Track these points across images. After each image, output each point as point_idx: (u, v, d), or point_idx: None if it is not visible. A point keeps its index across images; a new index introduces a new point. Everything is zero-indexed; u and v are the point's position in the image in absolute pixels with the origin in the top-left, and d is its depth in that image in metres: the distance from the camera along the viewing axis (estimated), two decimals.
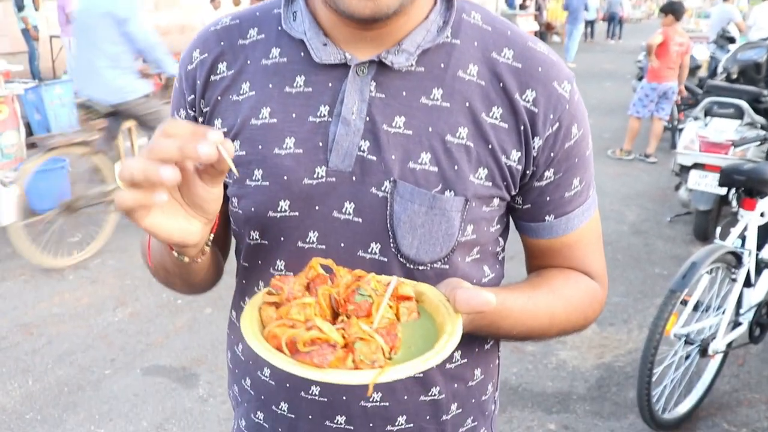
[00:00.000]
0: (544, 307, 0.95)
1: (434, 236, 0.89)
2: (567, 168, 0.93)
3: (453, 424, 1.03)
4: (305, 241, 0.92)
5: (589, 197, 0.99)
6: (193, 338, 3.84)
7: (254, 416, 1.06)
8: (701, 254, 2.88)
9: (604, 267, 1.05)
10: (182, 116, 0.99)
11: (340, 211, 0.89)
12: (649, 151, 7.80)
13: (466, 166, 0.88)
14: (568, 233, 0.98)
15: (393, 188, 0.87)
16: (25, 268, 4.82)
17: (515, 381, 3.41)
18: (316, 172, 0.89)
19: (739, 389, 3.34)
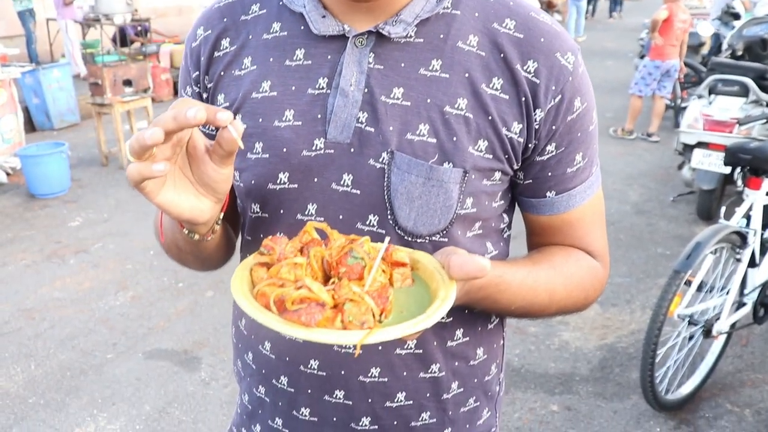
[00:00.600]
0: (544, 283, 0.93)
1: (432, 208, 0.88)
2: (569, 142, 0.92)
3: (454, 403, 1.02)
4: (304, 214, 0.92)
5: (592, 174, 0.98)
6: (195, 321, 3.83)
7: (256, 391, 1.06)
8: (706, 234, 2.86)
9: (606, 246, 1.04)
10: (188, 93, 1.01)
11: (339, 182, 0.89)
12: (652, 130, 7.74)
13: (465, 137, 0.87)
14: (569, 210, 0.97)
15: (390, 159, 0.86)
16: (26, 253, 4.82)
17: (518, 362, 3.40)
18: (315, 144, 0.89)
19: (743, 370, 3.33)
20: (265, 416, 1.06)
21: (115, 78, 6.53)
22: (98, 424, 2.99)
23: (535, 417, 3.00)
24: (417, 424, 1.00)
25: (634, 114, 7.75)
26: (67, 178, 6.13)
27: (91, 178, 6.54)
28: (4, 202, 5.91)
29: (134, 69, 6.77)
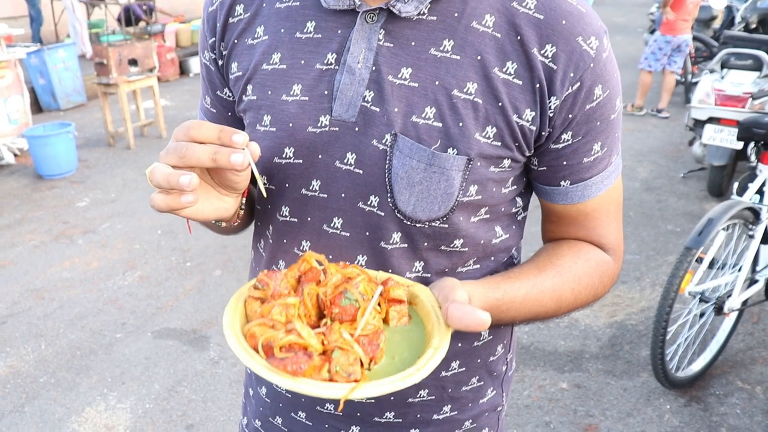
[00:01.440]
0: (550, 292, 0.91)
1: (432, 194, 0.85)
2: (587, 132, 0.87)
3: (454, 382, 1.01)
4: (308, 189, 0.91)
5: (611, 164, 0.93)
6: (203, 300, 3.84)
7: (275, 385, 1.06)
8: (718, 210, 2.82)
9: (620, 238, 1.00)
10: (206, 58, 1.00)
11: (342, 161, 0.87)
12: (662, 106, 7.65)
13: (472, 123, 0.83)
14: (584, 201, 0.93)
15: (393, 142, 0.84)
16: (35, 234, 4.83)
17: (527, 340, 3.39)
18: (320, 121, 0.87)
19: (754, 347, 3.31)
20: (287, 409, 1.06)
21: (120, 58, 6.49)
22: (108, 402, 3.01)
23: (545, 394, 2.99)
24: (414, 400, 1.00)
25: (644, 90, 7.65)
26: (74, 158, 6.12)
27: (98, 158, 6.53)
28: (11, 183, 5.92)
29: (140, 48, 6.72)
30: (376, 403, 0.98)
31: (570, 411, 2.88)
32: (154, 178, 0.72)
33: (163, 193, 0.73)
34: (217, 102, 1.02)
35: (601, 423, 2.81)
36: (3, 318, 3.72)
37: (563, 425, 2.79)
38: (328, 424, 1.03)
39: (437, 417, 1.02)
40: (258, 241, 1.05)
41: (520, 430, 2.77)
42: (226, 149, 0.71)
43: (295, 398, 1.04)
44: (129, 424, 2.86)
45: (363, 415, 1.00)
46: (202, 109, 1.07)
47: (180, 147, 0.72)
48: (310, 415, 1.04)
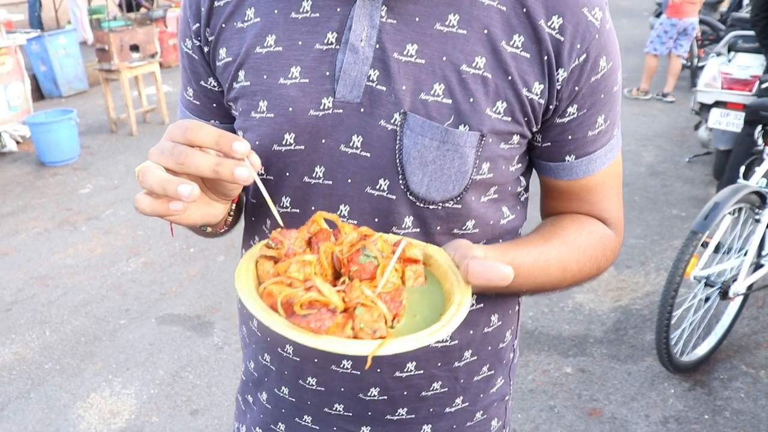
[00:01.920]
0: (556, 262, 0.89)
1: (446, 173, 0.83)
2: (592, 104, 0.86)
3: (467, 372, 0.99)
4: (311, 177, 0.87)
5: (614, 137, 0.92)
6: (207, 286, 3.84)
7: (262, 358, 1.03)
8: (724, 194, 2.80)
9: (621, 212, 0.99)
10: (188, 46, 0.94)
11: (348, 144, 0.84)
12: (667, 90, 7.59)
13: (482, 98, 0.81)
14: (588, 175, 0.92)
15: (403, 121, 0.81)
16: (38, 221, 4.83)
17: (531, 324, 3.39)
18: (323, 103, 0.83)
19: (758, 331, 3.30)
20: (271, 384, 1.03)
21: (121, 43, 6.46)
22: (113, 388, 3.01)
23: (549, 379, 2.99)
24: (428, 394, 0.97)
25: (650, 74, 7.59)
26: (77, 145, 6.11)
27: (101, 145, 6.52)
28: (14, 170, 5.91)
29: (141, 34, 6.68)
30: (388, 399, 0.96)
31: (574, 395, 2.88)
32: (146, 180, 0.67)
33: (152, 197, 0.68)
34: (201, 93, 0.97)
35: (605, 407, 2.80)
36: (7, 305, 3.73)
37: (567, 409, 2.79)
38: (336, 427, 0.99)
39: (449, 410, 1.00)
40: (251, 237, 1.00)
41: (524, 414, 2.77)
42: (230, 162, 0.67)
43: (300, 402, 1.00)
44: (134, 410, 2.87)
45: (374, 413, 0.97)
46: (183, 102, 1.01)
47: (178, 151, 0.68)
48: (316, 418, 1.00)
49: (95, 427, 2.77)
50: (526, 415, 2.77)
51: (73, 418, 2.83)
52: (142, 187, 0.68)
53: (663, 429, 2.67)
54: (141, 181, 0.68)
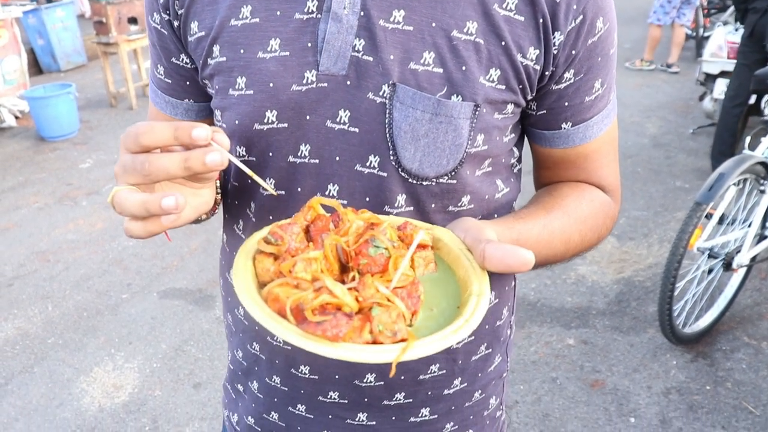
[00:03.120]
0: (559, 233, 0.85)
1: (440, 147, 0.78)
2: (589, 68, 0.82)
3: (465, 352, 0.96)
4: (296, 156, 0.81)
5: (610, 102, 0.88)
6: (208, 260, 3.83)
7: (251, 347, 0.99)
8: (729, 165, 2.77)
9: (618, 179, 0.96)
10: (157, 21, 0.88)
11: (334, 120, 0.79)
12: (671, 61, 7.50)
13: (475, 66, 0.76)
14: (585, 143, 0.88)
15: (392, 93, 0.76)
16: (38, 196, 4.81)
17: (534, 296, 3.38)
18: (306, 77, 0.78)
19: (761, 303, 3.29)
20: (262, 373, 0.99)
21: (119, 16, 6.37)
22: (116, 362, 3.02)
23: (552, 351, 2.99)
24: (426, 377, 0.94)
25: (653, 44, 7.49)
26: (76, 119, 6.07)
27: (101, 119, 6.48)
28: (14, 145, 5.88)
29: (139, 6, 6.59)
30: (385, 385, 0.92)
31: (576, 367, 2.88)
32: (125, 208, 0.63)
33: (139, 221, 0.64)
34: (172, 71, 0.91)
35: (607, 378, 2.81)
36: (9, 280, 3.73)
37: (570, 381, 2.80)
38: (332, 414, 0.96)
39: (448, 392, 0.97)
40: (235, 221, 0.94)
41: (526, 385, 2.77)
42: (198, 153, 0.62)
43: (293, 391, 0.96)
44: (137, 384, 2.88)
45: (371, 400, 0.94)
46: (154, 81, 0.95)
47: (139, 163, 0.63)
48: (310, 406, 0.97)
49: (99, 400, 2.79)
50: (528, 386, 2.77)
51: (77, 392, 2.84)
52: (123, 215, 0.64)
53: (665, 400, 2.68)
54: (120, 211, 0.64)
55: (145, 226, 0.65)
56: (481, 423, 1.05)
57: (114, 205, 0.64)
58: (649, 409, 2.63)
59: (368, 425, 0.96)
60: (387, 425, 0.97)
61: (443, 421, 0.99)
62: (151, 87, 0.98)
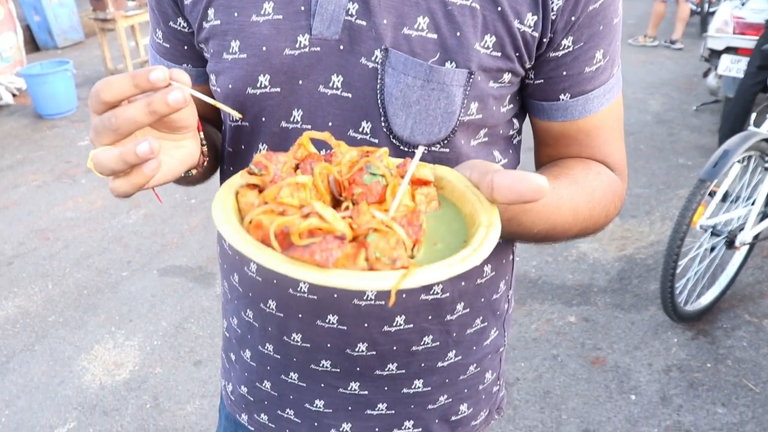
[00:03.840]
0: (568, 201, 0.80)
1: (431, 114, 0.77)
2: (589, 36, 0.79)
3: (459, 325, 0.94)
4: (289, 121, 0.81)
5: (613, 76, 0.85)
6: (208, 237, 3.82)
7: (244, 314, 0.98)
8: (734, 141, 2.73)
9: (624, 157, 0.92)
10: None
11: (327, 85, 0.78)
12: (675, 37, 7.42)
13: (470, 32, 0.74)
14: (585, 116, 0.85)
15: (384, 58, 0.75)
16: (37, 174, 4.79)
17: (535, 274, 3.37)
18: (299, 41, 0.77)
19: (763, 281, 3.28)
20: (255, 341, 0.99)
21: None
22: (117, 340, 3.02)
23: (553, 328, 2.99)
24: (419, 349, 0.93)
25: (657, 20, 7.41)
26: (74, 97, 6.02)
27: None
28: (12, 123, 5.84)
29: None
30: (377, 355, 0.91)
31: (578, 344, 2.88)
32: (103, 166, 0.62)
33: (122, 177, 0.63)
34: (170, 35, 0.90)
35: (608, 356, 2.81)
36: (9, 259, 3.72)
37: (571, 358, 2.79)
38: (324, 383, 0.96)
39: (442, 364, 0.96)
40: None
41: (527, 363, 2.77)
42: (159, 95, 0.61)
43: (285, 359, 0.96)
44: (137, 361, 2.88)
45: (363, 369, 0.93)
46: (153, 46, 0.95)
47: (106, 120, 0.63)
48: (303, 375, 0.96)
49: (99, 378, 2.79)
50: (529, 363, 2.77)
51: (78, 370, 2.84)
52: (105, 176, 0.64)
53: (665, 377, 2.68)
54: (100, 171, 0.63)
55: (128, 179, 0.64)
56: (476, 397, 1.04)
57: (94, 167, 0.63)
58: (649, 387, 2.63)
59: (360, 395, 0.96)
60: (379, 395, 0.96)
61: (436, 393, 0.98)
62: (150, 52, 0.97)
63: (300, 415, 1.00)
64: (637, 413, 2.50)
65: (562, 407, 2.54)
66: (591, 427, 2.45)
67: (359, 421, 0.98)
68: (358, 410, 0.97)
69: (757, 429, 2.40)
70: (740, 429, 2.41)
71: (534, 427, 2.46)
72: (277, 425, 1.03)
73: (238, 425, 1.10)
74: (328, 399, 0.97)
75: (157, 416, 2.57)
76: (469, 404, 1.03)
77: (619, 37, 0.84)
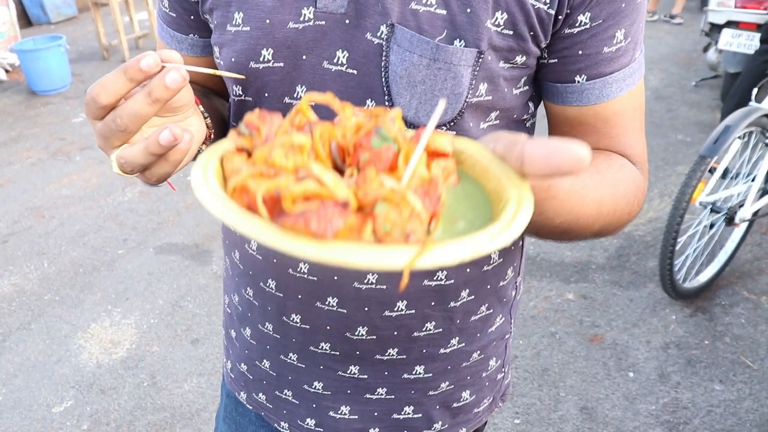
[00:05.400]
0: (592, 190, 0.73)
1: (437, 95, 0.73)
2: (609, 14, 0.73)
3: (463, 312, 0.91)
4: (292, 97, 0.78)
5: (635, 60, 0.78)
6: (204, 215, 3.79)
7: (245, 292, 0.96)
8: (735, 117, 2.70)
9: (645, 151, 0.86)
10: None
11: (332, 61, 0.74)
12: (675, 11, 7.34)
13: (480, 8, 0.70)
14: (603, 102, 0.78)
15: (390, 34, 0.71)
16: (31, 151, 4.74)
17: (533, 251, 3.36)
18: (303, 15, 0.74)
19: (761, 257, 3.27)
20: (255, 320, 0.97)
21: None
22: (113, 318, 3.01)
23: (551, 305, 2.98)
24: (420, 335, 0.90)
25: None
26: (68, 73, 5.94)
27: (93, 72, 6.35)
28: (5, 100, 5.78)
29: None
30: (377, 339, 0.89)
31: (576, 321, 2.88)
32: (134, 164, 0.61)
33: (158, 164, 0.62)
34: (176, 3, 0.87)
35: (606, 333, 2.80)
36: (4, 237, 3.70)
37: (569, 335, 2.79)
38: (323, 365, 0.94)
39: (444, 351, 0.93)
40: None
41: (525, 340, 2.77)
42: (157, 81, 0.59)
43: (285, 339, 0.94)
44: (134, 339, 2.87)
45: (362, 353, 0.91)
46: (160, 15, 0.92)
47: (111, 123, 0.61)
48: (302, 355, 0.94)
49: (96, 357, 2.78)
50: (527, 341, 2.77)
51: (74, 348, 2.83)
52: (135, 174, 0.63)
53: (663, 354, 2.68)
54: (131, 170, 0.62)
55: (164, 166, 0.63)
56: (479, 384, 1.01)
57: (122, 168, 0.62)
58: (647, 364, 2.63)
59: (360, 378, 0.94)
60: (379, 380, 0.94)
61: (438, 380, 0.96)
62: (158, 21, 0.94)
63: (298, 396, 0.98)
64: (635, 390, 2.51)
65: (560, 384, 2.55)
66: (589, 405, 2.45)
67: (358, 405, 0.97)
68: (357, 394, 0.95)
69: (754, 405, 2.41)
70: (737, 406, 2.41)
71: (532, 405, 2.46)
72: (275, 405, 1.01)
73: (238, 403, 1.09)
74: (327, 381, 0.95)
75: (155, 395, 2.57)
76: (472, 391, 1.01)
77: (644, 19, 0.78)
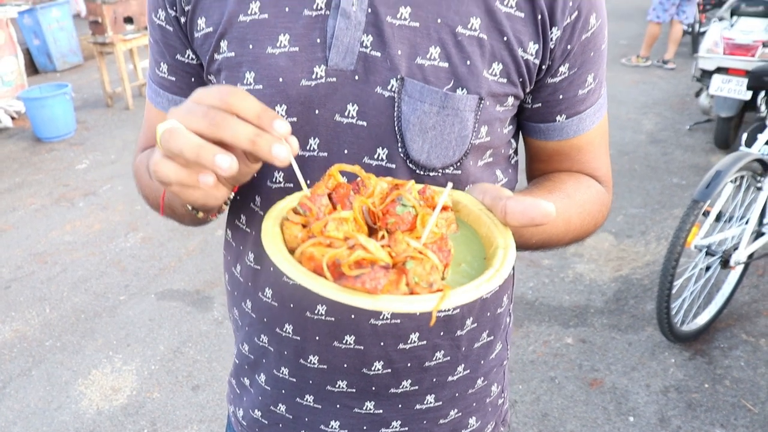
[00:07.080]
0: (561, 213, 0.87)
1: (446, 139, 0.82)
2: (582, 63, 0.86)
3: (468, 340, 0.99)
4: (306, 149, 0.83)
5: (601, 96, 0.93)
6: (206, 261, 3.83)
7: (258, 340, 1.00)
8: (726, 162, 2.76)
9: (610, 170, 1.01)
10: (161, 18, 0.88)
11: (343, 114, 0.81)
12: (668, 57, 7.50)
13: (479, 60, 0.80)
14: (579, 135, 0.92)
15: (400, 87, 0.79)
16: (35, 197, 4.80)
17: (532, 295, 3.38)
18: (315, 72, 0.80)
19: (759, 300, 3.29)
20: (270, 366, 1.00)
21: (115, 15, 6.35)
22: (114, 365, 3.02)
23: (550, 350, 2.99)
24: (431, 364, 0.96)
25: (651, 41, 7.48)
26: (73, 120, 6.05)
27: (97, 119, 6.46)
28: (10, 146, 5.87)
29: (134, 5, 6.57)
30: (392, 372, 0.94)
31: (575, 365, 2.88)
32: (175, 142, 0.60)
33: (176, 163, 0.61)
34: (177, 68, 0.91)
35: (606, 377, 2.81)
36: (7, 282, 3.72)
37: (568, 380, 2.80)
38: (339, 404, 0.98)
39: (452, 378, 1.00)
40: (237, 216, 0.95)
41: (525, 385, 2.77)
42: (270, 137, 0.61)
43: (301, 382, 0.98)
44: (135, 386, 2.88)
45: (378, 388, 0.96)
46: (155, 80, 0.94)
47: (215, 114, 0.61)
48: (318, 397, 0.98)
49: (97, 403, 2.78)
50: (527, 386, 2.77)
51: (75, 395, 2.84)
52: (165, 150, 0.60)
53: (663, 398, 2.68)
54: (166, 141, 0.60)
55: (178, 171, 0.62)
56: (483, 410, 1.07)
57: (164, 134, 0.60)
58: (647, 408, 2.63)
59: (375, 413, 0.99)
60: (393, 413, 0.99)
61: (447, 407, 1.02)
62: (150, 87, 0.97)
63: None
64: None
65: (561, 430, 2.54)
66: None
67: None
68: (373, 429, 0.99)
69: None
70: None
71: None
72: None
73: None
74: (343, 420, 0.99)
75: None
76: (477, 417, 1.06)
77: (605, 60, 0.91)
